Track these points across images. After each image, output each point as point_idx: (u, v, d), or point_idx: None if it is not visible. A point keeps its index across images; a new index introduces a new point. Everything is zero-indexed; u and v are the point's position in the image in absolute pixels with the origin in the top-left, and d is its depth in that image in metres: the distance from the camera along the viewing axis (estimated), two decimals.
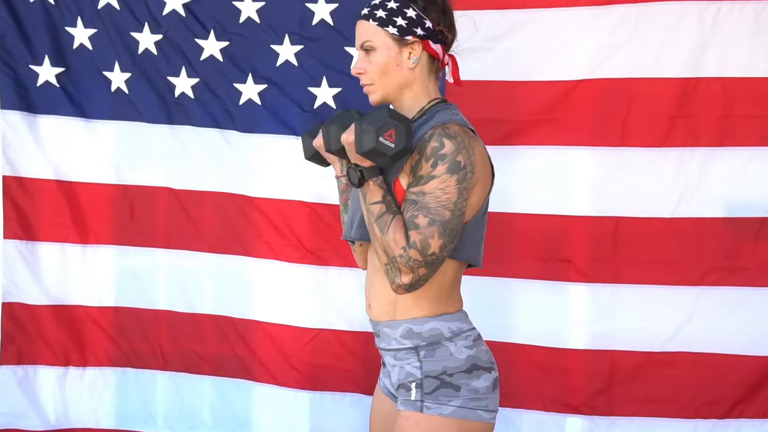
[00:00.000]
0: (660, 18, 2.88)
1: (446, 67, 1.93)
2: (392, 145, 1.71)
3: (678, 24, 2.87)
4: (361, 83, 1.92)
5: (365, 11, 1.90)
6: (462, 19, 2.03)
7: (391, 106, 1.88)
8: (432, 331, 1.84)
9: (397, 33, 1.86)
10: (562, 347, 2.99)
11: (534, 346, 3.01)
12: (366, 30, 1.89)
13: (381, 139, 1.71)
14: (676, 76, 2.88)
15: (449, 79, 1.95)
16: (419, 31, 1.86)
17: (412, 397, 1.84)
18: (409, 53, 1.87)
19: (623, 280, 2.94)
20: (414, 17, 1.86)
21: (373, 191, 1.78)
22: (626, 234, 2.94)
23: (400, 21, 1.85)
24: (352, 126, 1.77)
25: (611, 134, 2.94)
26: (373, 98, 1.92)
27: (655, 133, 2.91)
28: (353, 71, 1.92)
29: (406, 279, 1.75)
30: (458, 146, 1.77)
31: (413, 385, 1.85)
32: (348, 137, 1.77)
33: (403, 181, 1.82)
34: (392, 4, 1.87)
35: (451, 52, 1.94)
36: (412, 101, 1.91)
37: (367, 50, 1.89)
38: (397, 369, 1.89)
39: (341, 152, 1.84)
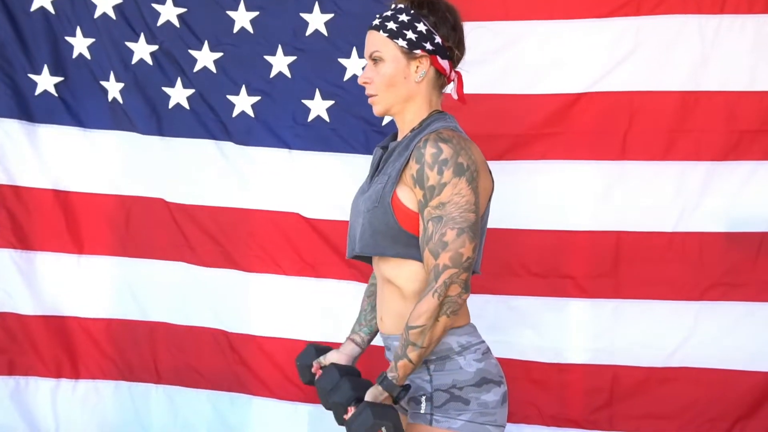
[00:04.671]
0: (660, 31, 2.88)
1: (451, 83, 1.94)
2: None
3: (678, 37, 2.87)
4: (366, 93, 1.93)
5: (377, 22, 1.91)
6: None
7: (382, 395, 1.83)
8: (441, 345, 1.84)
9: (406, 46, 1.87)
10: (562, 362, 2.97)
11: (535, 362, 2.99)
12: (376, 40, 1.90)
13: None
14: (677, 89, 2.88)
15: (454, 95, 1.96)
16: (428, 46, 1.88)
17: (422, 410, 1.84)
18: (417, 67, 1.89)
19: (624, 295, 2.93)
20: (424, 32, 1.87)
21: (401, 368, 1.78)
22: (627, 249, 2.92)
23: (410, 34, 1.86)
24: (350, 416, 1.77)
25: (612, 148, 2.93)
26: (377, 109, 1.93)
27: (657, 147, 2.90)
28: (360, 80, 1.93)
29: (455, 292, 1.76)
30: (456, 148, 1.78)
31: (423, 398, 1.85)
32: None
33: (401, 192, 1.82)
34: (403, 18, 1.88)
35: (458, 69, 1.95)
36: (414, 114, 1.91)
37: (375, 60, 1.90)
38: (407, 382, 1.88)
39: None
